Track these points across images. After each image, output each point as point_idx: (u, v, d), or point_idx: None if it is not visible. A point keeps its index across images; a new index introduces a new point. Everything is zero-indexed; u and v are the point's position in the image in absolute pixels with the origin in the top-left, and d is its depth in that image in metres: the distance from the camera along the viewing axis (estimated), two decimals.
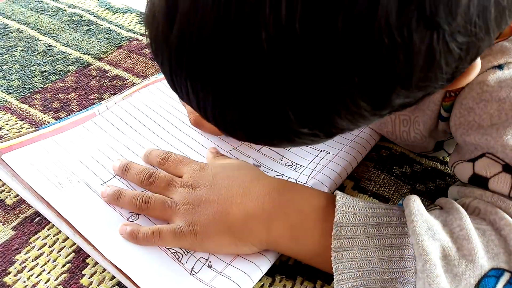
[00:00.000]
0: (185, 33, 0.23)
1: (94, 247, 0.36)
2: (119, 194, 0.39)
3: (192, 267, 0.36)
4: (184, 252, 0.37)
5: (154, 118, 0.50)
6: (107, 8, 0.71)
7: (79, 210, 0.38)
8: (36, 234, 0.38)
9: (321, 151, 0.48)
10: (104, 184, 0.41)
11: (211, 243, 0.36)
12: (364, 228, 0.33)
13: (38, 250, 0.37)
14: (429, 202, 0.45)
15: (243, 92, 0.24)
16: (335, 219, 0.33)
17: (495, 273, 0.32)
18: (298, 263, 0.38)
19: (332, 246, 0.33)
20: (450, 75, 0.25)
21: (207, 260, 0.36)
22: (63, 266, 0.36)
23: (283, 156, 0.47)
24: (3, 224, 0.38)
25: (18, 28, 0.65)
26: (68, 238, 0.38)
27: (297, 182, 0.44)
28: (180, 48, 0.24)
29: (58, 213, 0.38)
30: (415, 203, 0.34)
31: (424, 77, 0.23)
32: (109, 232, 0.37)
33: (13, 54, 0.59)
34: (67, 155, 0.44)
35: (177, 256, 0.36)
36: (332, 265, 0.33)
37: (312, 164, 0.46)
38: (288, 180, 0.44)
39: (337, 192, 0.36)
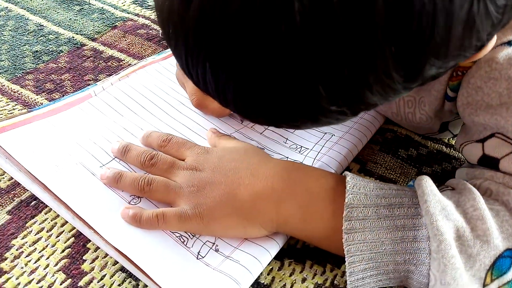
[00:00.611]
0: (205, 10, 0.22)
1: (95, 231, 0.34)
2: (120, 176, 0.37)
3: (199, 251, 0.34)
4: (189, 236, 0.35)
5: (152, 99, 0.48)
6: None
7: (77, 193, 0.37)
8: (33, 218, 0.36)
9: (325, 133, 0.47)
10: (103, 166, 0.40)
11: (218, 226, 0.35)
12: (376, 209, 0.32)
13: (35, 234, 0.35)
14: (437, 185, 0.44)
15: (271, 72, 0.23)
16: (346, 200, 0.32)
17: (510, 253, 0.31)
18: (306, 246, 0.37)
19: (343, 227, 0.32)
20: (482, 42, 0.24)
21: (214, 244, 0.35)
22: (63, 251, 0.34)
23: (287, 139, 0.46)
24: None
25: (6, 7, 0.62)
26: (66, 222, 0.36)
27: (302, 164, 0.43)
28: (199, 27, 0.22)
29: (56, 196, 0.36)
30: (427, 183, 0.33)
31: (460, 46, 0.22)
32: (110, 215, 0.36)
33: (2, 34, 0.57)
34: (63, 137, 0.42)
35: (182, 240, 0.35)
36: (344, 247, 0.32)
37: (317, 147, 0.45)
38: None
39: (347, 173, 0.35)
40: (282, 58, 0.22)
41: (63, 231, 0.36)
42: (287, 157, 0.44)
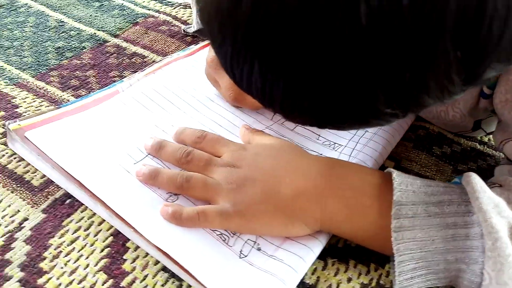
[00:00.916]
0: (259, 7, 0.21)
1: (134, 230, 0.33)
2: (156, 173, 0.36)
3: (241, 250, 0.34)
4: (230, 234, 0.34)
5: (180, 95, 0.47)
6: None
7: (114, 190, 0.36)
8: (69, 216, 0.35)
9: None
10: (138, 163, 0.39)
11: (260, 224, 0.34)
12: (425, 207, 0.32)
13: (72, 234, 0.34)
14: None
15: (328, 74, 0.22)
16: (394, 198, 0.32)
17: None
18: (347, 245, 0.36)
19: (392, 225, 0.31)
20: None
21: (255, 242, 0.34)
22: (102, 250, 0.33)
23: (319, 135, 0.45)
24: (32, 207, 0.36)
25: (26, 3, 0.61)
26: (104, 221, 0.35)
27: None
28: (250, 25, 0.22)
29: (92, 194, 0.35)
30: (476, 179, 0.32)
31: None
32: (148, 213, 0.35)
33: (23, 30, 0.56)
34: (94, 133, 0.41)
35: (223, 239, 0.34)
36: (393, 246, 0.31)
37: (351, 143, 0.44)
38: None
39: (391, 169, 0.34)
40: (343, 60, 0.21)
41: (101, 229, 0.35)
42: (321, 154, 0.43)
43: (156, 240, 0.32)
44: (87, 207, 0.36)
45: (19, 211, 0.35)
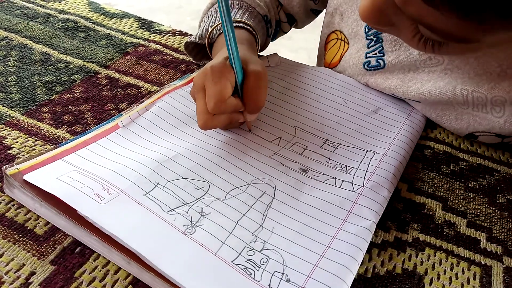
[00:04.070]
0: None
1: (156, 274, 0.31)
2: None
3: (269, 284, 0.32)
4: (255, 268, 0.33)
5: (181, 126, 0.45)
6: (102, 14, 0.66)
7: (129, 227, 0.33)
8: (81, 267, 0.32)
9: (367, 151, 0.46)
10: (147, 194, 0.36)
11: None
12: None
13: (87, 286, 0.31)
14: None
15: None
16: None
17: None
18: (376, 274, 0.35)
19: None
20: None
21: (283, 273, 0.33)
22: None
23: (329, 159, 0.44)
24: (38, 259, 0.32)
25: (7, 36, 0.58)
26: (120, 268, 0.32)
27: (353, 184, 0.41)
28: None
29: (104, 238, 0.32)
30: None
31: None
32: (168, 251, 0.32)
33: (7, 65, 0.53)
34: (96, 167, 0.38)
35: (248, 273, 0.32)
36: None
37: (363, 165, 0.44)
38: (343, 182, 0.41)
39: None
40: None
41: (118, 279, 0.32)
42: (335, 177, 0.42)
43: (180, 280, 0.30)
44: (99, 254, 0.33)
45: (24, 264, 0.32)
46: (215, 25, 0.52)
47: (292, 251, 0.34)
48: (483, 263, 0.37)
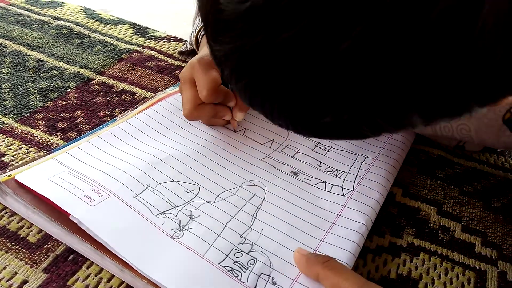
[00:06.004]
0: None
1: (148, 281, 0.30)
2: None
3: (255, 286, 0.32)
4: (242, 269, 0.32)
5: (175, 129, 0.45)
6: (97, 20, 0.66)
7: (117, 230, 0.33)
8: (74, 274, 0.32)
9: (358, 155, 0.46)
10: (137, 196, 0.36)
11: None
12: None
13: None
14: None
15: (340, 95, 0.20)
16: None
17: None
18: (371, 280, 0.35)
19: None
20: None
21: (269, 276, 0.32)
22: None
23: (320, 162, 0.44)
24: (31, 267, 0.32)
25: (1, 43, 0.57)
26: (113, 276, 0.32)
27: (343, 188, 0.41)
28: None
29: (97, 246, 0.32)
30: None
31: None
32: (155, 256, 0.32)
33: (0, 71, 0.52)
34: (87, 168, 0.38)
35: (235, 275, 0.32)
36: None
37: (353, 170, 0.44)
38: (333, 187, 0.41)
39: None
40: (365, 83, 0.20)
41: (111, 286, 0.32)
42: (325, 181, 0.42)
43: (168, 284, 0.30)
44: (93, 262, 0.33)
45: (16, 273, 0.32)
46: (201, 26, 0.52)
47: (280, 254, 0.34)
48: (477, 267, 0.37)
